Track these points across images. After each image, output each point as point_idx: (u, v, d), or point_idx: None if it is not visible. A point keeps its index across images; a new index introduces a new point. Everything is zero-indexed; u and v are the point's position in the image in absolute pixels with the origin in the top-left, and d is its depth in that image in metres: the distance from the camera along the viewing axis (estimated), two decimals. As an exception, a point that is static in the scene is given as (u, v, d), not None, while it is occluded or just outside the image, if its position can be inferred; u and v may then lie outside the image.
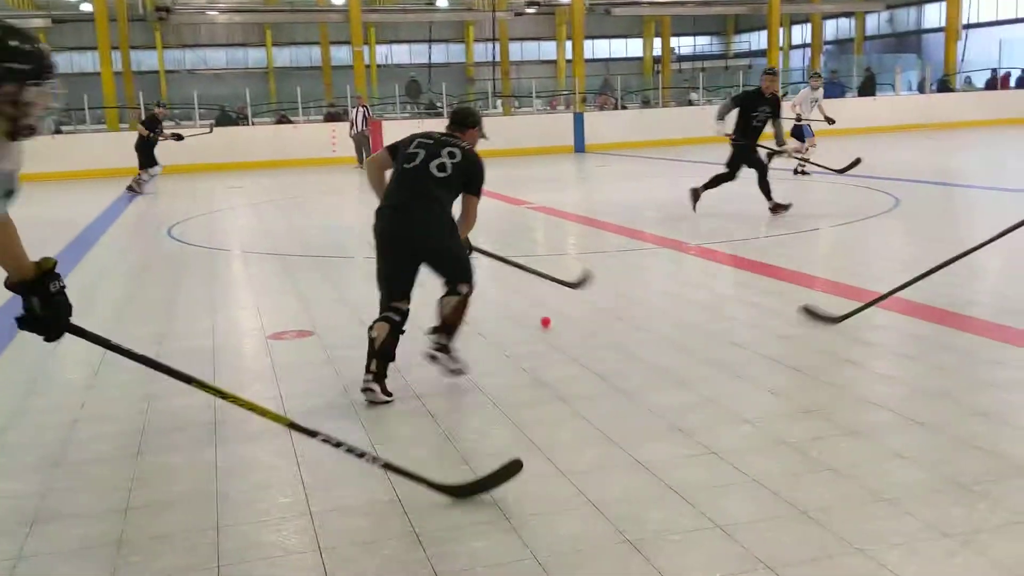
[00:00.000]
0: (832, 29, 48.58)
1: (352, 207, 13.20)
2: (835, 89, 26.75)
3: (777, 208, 9.66)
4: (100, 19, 22.76)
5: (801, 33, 46.77)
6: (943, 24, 30.56)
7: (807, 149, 13.75)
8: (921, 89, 28.10)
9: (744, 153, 9.75)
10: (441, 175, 4.31)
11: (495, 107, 27.08)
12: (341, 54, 39.94)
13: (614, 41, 50.32)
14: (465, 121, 4.60)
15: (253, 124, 23.33)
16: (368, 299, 6.52)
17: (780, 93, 9.61)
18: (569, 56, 31.68)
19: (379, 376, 4.17)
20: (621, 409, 4.01)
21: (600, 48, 49.32)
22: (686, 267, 7.48)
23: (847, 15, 46.78)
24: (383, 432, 3.85)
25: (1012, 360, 4.46)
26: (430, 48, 34.96)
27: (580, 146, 22.17)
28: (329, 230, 10.60)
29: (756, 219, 9.88)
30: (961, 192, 11.96)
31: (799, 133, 14.04)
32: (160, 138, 15.41)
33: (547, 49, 49.42)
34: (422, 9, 36.55)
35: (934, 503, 2.93)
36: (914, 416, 3.74)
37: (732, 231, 9.14)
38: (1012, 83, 28.61)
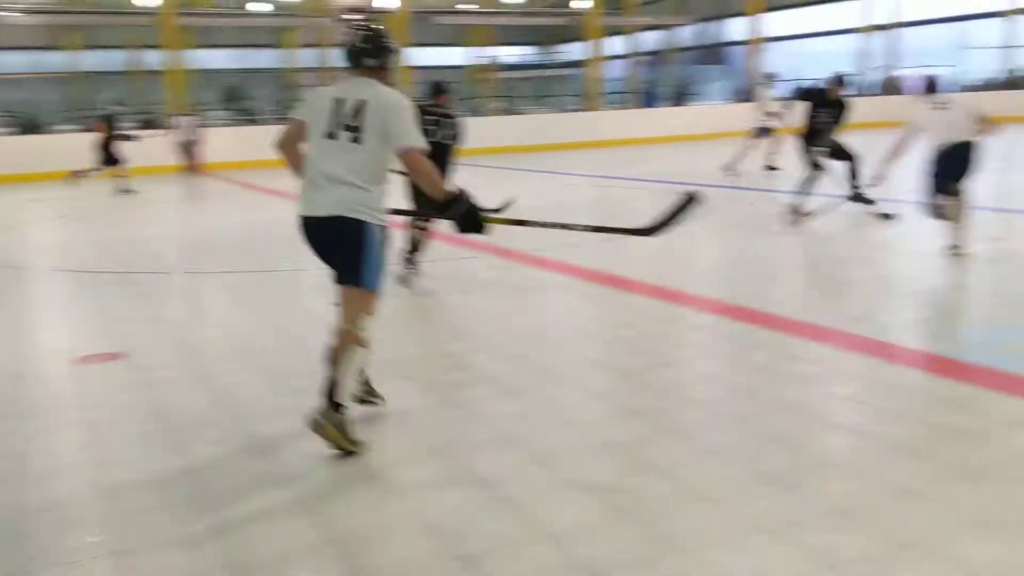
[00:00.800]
0: (647, 40, 50.62)
1: (166, 218, 12.58)
2: (651, 99, 27.96)
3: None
4: None
5: (618, 44, 48.47)
6: (747, 38, 32.47)
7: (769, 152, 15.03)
8: (730, 99, 29.77)
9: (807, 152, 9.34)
10: None
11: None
12: (152, 58, 38.09)
13: (437, 49, 50.46)
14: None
15: (55, 132, 21.83)
16: (188, 317, 6.24)
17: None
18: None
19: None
20: (452, 421, 3.98)
21: (423, 56, 49.33)
22: (513, 273, 7.55)
23: (660, 28, 48.91)
24: (190, 459, 3.65)
25: (812, 355, 4.75)
26: (248, 54, 33.85)
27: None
28: (140, 243, 10.04)
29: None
30: (765, 195, 12.70)
31: (762, 132, 15.25)
32: None
33: (371, 56, 48.78)
34: (240, 13, 35.39)
35: (751, 498, 3.06)
36: (729, 413, 3.91)
37: (560, 236, 9.30)
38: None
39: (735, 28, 44.47)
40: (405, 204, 5.47)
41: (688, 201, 4.13)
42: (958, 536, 2.74)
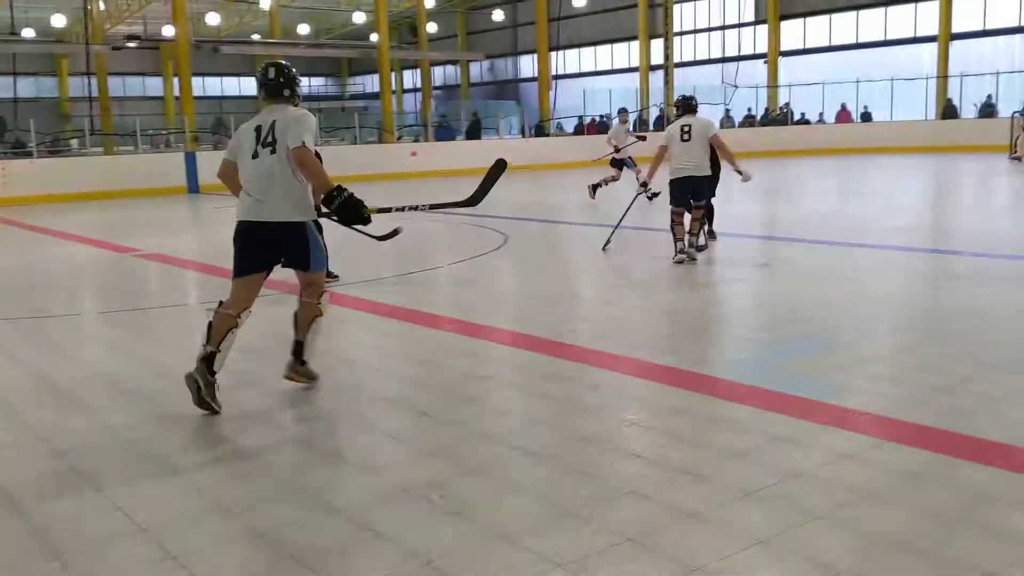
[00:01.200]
0: (440, 75, 51.39)
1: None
2: (446, 132, 28.29)
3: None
4: None
5: (412, 78, 48.92)
6: (536, 75, 33.64)
7: (638, 173, 14.93)
8: (522, 133, 30.64)
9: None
10: None
11: (95, 146, 24.90)
12: (-100, 84, 34.62)
13: (226, 79, 48.94)
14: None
15: None
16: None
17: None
18: (177, 93, 30.16)
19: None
20: (243, 475, 3.76)
21: (212, 85, 47.69)
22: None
23: (452, 63, 49.78)
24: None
25: (606, 383, 4.88)
26: (15, 81, 31.36)
27: (194, 187, 21.13)
28: None
29: (379, 260, 10.01)
30: (561, 228, 13.11)
31: (619, 164, 15.82)
32: None
33: (153, 85, 46.76)
34: (5, 39, 32.77)
35: (546, 533, 3.07)
36: (526, 447, 3.92)
37: (355, 273, 9.16)
38: (596, 128, 32.19)
39: (525, 65, 46.01)
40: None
41: (499, 167, 5.42)
42: (740, 558, 2.86)
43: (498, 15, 43.74)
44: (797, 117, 31.38)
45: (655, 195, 11.61)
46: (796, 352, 5.38)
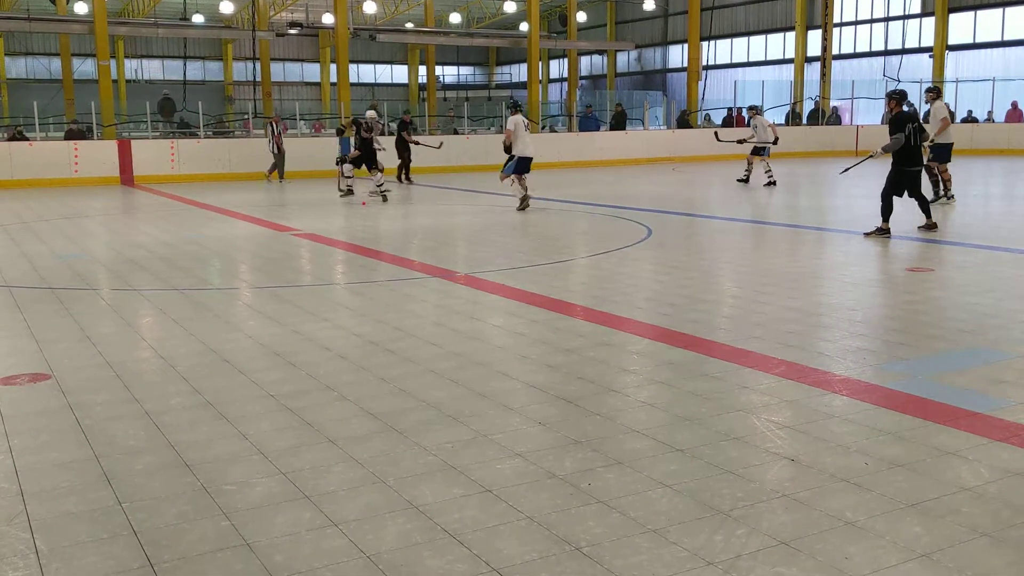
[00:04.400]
0: (587, 65, 51.28)
1: (95, 232, 12.22)
2: (591, 123, 28.21)
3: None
4: None
5: (559, 67, 48.99)
6: (685, 65, 33.07)
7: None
8: (667, 124, 30.22)
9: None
10: None
11: (257, 128, 26.15)
12: (86, 67, 37.20)
13: (379, 67, 50.38)
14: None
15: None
16: (114, 336, 6.03)
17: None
18: (334, 79, 31.26)
19: None
20: (393, 449, 3.89)
21: (365, 73, 49.23)
22: (455, 297, 7.48)
23: (600, 52, 49.58)
24: (131, 489, 3.50)
25: (755, 384, 4.78)
26: (185, 65, 33.26)
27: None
28: (67, 259, 9.72)
29: (523, 249, 10.13)
30: (707, 223, 12.87)
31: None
32: None
33: (311, 71, 48.67)
34: (176, 24, 34.80)
35: (696, 531, 3.05)
36: (673, 443, 3.90)
37: (499, 260, 9.30)
38: (746, 120, 31.37)
39: (674, 55, 45.30)
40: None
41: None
42: (902, 569, 2.76)
43: (649, 4, 43.20)
44: (963, 115, 29.63)
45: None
46: (963, 362, 5.12)
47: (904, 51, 35.35)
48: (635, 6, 45.84)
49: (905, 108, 10.45)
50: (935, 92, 13.40)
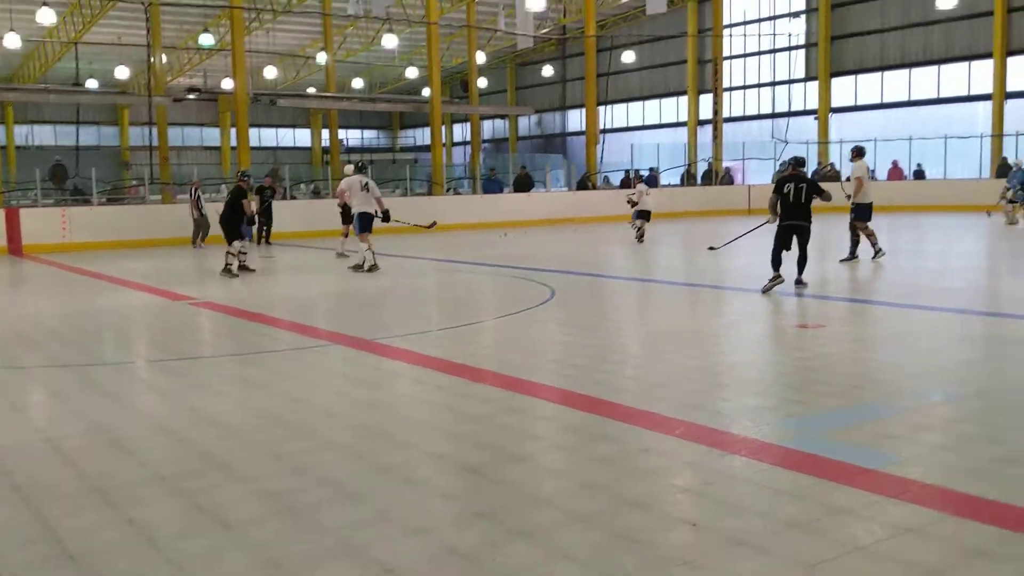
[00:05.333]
0: (489, 128, 52.10)
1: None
2: (494, 186, 28.54)
3: None
4: None
5: (462, 131, 49.64)
6: (584, 128, 33.88)
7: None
8: (569, 186, 30.80)
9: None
10: None
11: (153, 195, 25.56)
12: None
13: (281, 130, 50.09)
14: None
15: None
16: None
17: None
18: (235, 143, 30.91)
19: None
20: (290, 531, 3.76)
21: (267, 136, 48.86)
22: (358, 364, 7.36)
23: (502, 117, 50.45)
24: (5, 586, 3.28)
25: (657, 446, 4.81)
26: (78, 130, 32.42)
27: (250, 235, 21.47)
28: (-51, 335, 9.20)
29: (428, 312, 10.08)
30: (609, 282, 13.07)
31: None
32: None
33: (211, 135, 48.05)
34: (69, 90, 33.97)
35: (600, 603, 3.01)
36: (577, 512, 3.87)
37: (403, 324, 9.22)
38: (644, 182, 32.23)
39: (573, 119, 46.45)
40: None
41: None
42: (801, 634, 2.78)
43: (547, 70, 44.31)
44: (848, 174, 31.09)
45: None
46: (854, 418, 5.27)
47: (790, 114, 37.07)
48: (534, 72, 47.02)
49: (804, 170, 11.03)
50: (857, 152, 13.70)
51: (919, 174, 29.86)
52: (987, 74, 31.02)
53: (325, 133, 44.76)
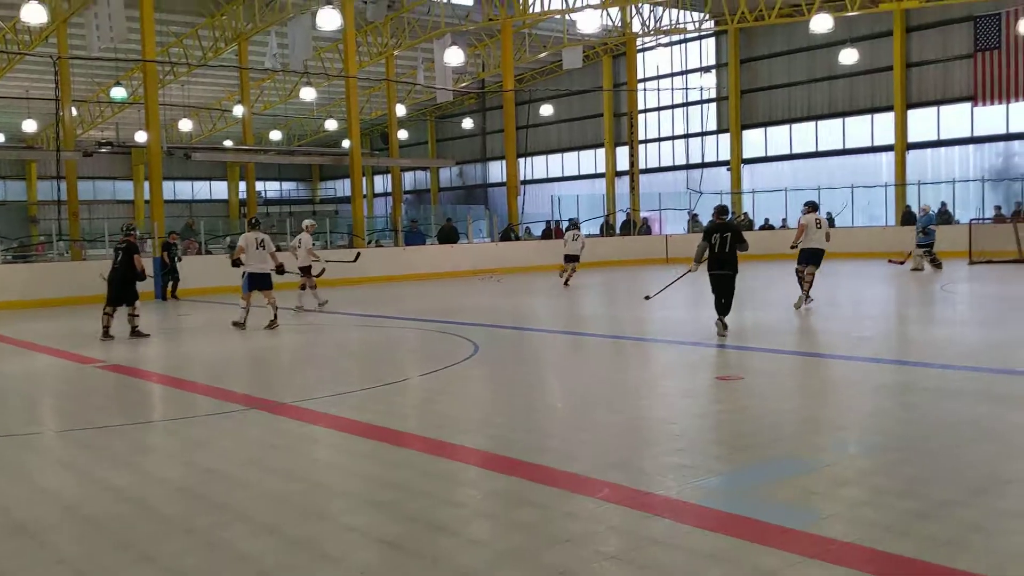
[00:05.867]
0: (411, 180, 52.17)
1: None
2: (416, 237, 28.47)
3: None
4: None
5: (383, 182, 49.56)
6: (505, 180, 34.16)
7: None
8: (491, 237, 30.92)
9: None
10: None
11: (62, 252, 24.75)
12: None
13: (197, 183, 49.30)
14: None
15: None
16: None
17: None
18: (148, 197, 30.24)
19: None
20: (199, 617, 3.57)
21: (182, 189, 48.01)
22: (274, 430, 7.13)
23: (423, 168, 50.60)
24: None
25: (580, 511, 4.75)
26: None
27: (160, 293, 20.92)
28: None
29: (348, 372, 9.88)
30: (533, 335, 13.06)
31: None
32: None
33: (124, 188, 47.03)
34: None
35: None
36: (501, 584, 3.78)
37: (322, 385, 9.01)
38: (563, 231, 32.63)
39: (494, 170, 46.87)
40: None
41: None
42: None
43: (467, 123, 44.71)
44: (761, 223, 32.00)
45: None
46: (775, 474, 5.31)
47: (704, 165, 38.09)
48: (455, 124, 47.39)
49: (729, 217, 11.78)
50: (809, 206, 14.67)
51: (829, 222, 30.84)
52: (889, 126, 32.43)
53: (243, 184, 44.23)
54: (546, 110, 39.61)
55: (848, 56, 29.34)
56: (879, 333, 11.90)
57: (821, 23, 26.13)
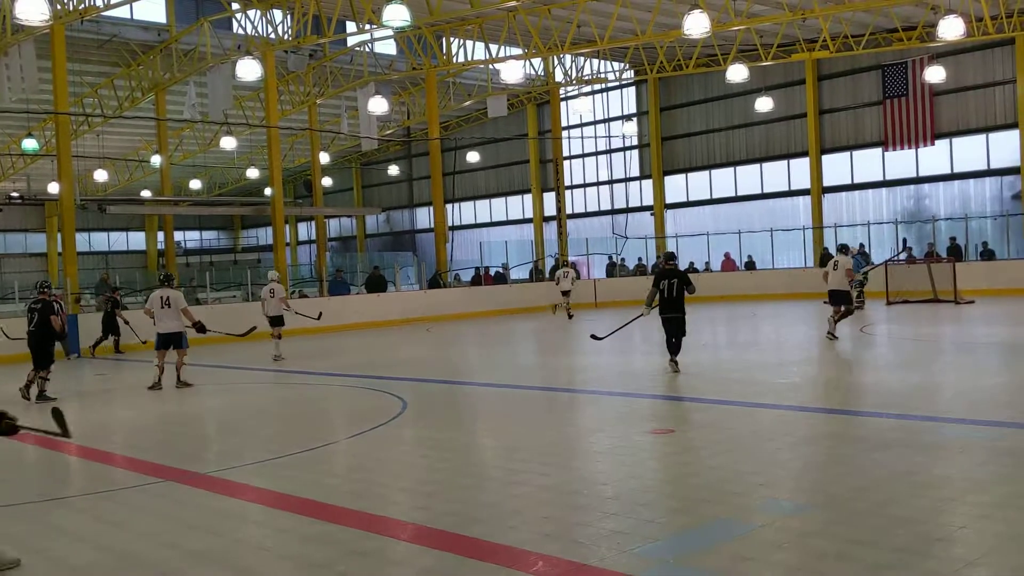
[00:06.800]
0: (336, 227, 51.68)
1: None
2: (341, 287, 28.07)
3: None
4: None
5: (307, 230, 49.00)
6: (433, 226, 34.06)
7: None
8: (420, 284, 30.70)
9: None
10: None
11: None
12: None
13: (114, 233, 48.03)
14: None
15: None
16: None
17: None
18: (61, 249, 29.26)
19: None
20: None
21: (98, 240, 46.65)
22: (190, 505, 6.78)
23: (348, 216, 50.21)
24: None
25: (517, 588, 4.59)
26: None
27: (75, 348, 20.13)
28: None
29: (270, 436, 9.55)
30: (463, 390, 12.86)
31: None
32: None
33: (37, 241, 45.55)
34: None
35: None
36: None
37: (245, 452, 8.67)
38: (493, 277, 32.62)
39: (422, 217, 46.77)
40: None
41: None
42: None
43: (393, 170, 44.62)
44: (685, 266, 32.47)
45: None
46: (709, 539, 5.22)
47: (629, 210, 38.64)
48: (381, 170, 47.27)
49: (674, 263, 12.98)
50: (843, 248, 16.90)
51: (750, 265, 31.51)
52: (805, 170, 33.40)
53: (162, 235, 43.22)
54: (473, 157, 39.80)
55: (763, 104, 30.23)
56: (806, 380, 12.04)
57: (736, 73, 26.87)
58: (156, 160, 34.79)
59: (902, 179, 31.76)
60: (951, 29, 21.03)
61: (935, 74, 26.37)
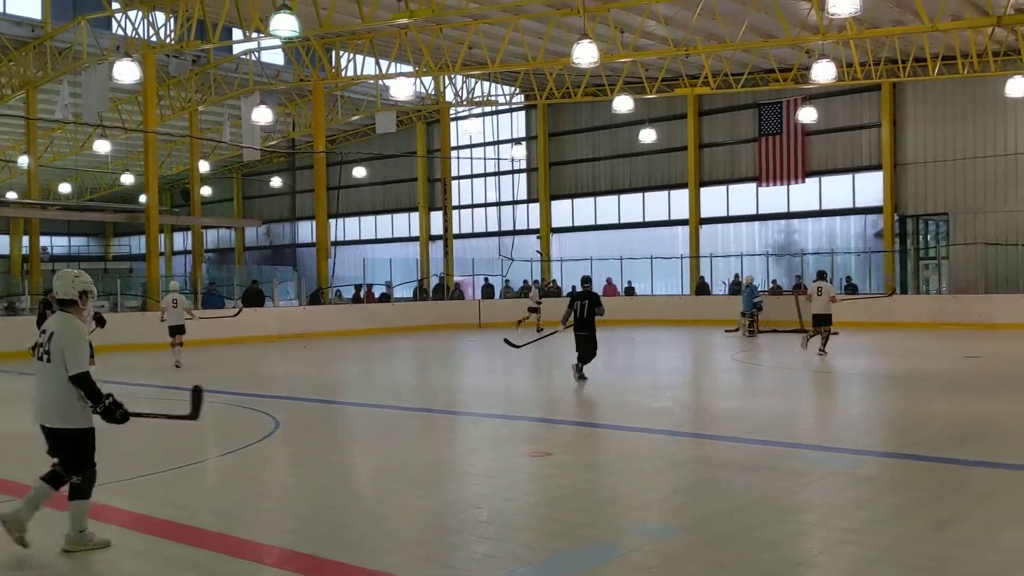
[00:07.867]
0: (214, 238, 50.22)
1: None
2: (215, 300, 27.20)
3: None
4: None
5: (183, 239, 47.38)
6: (315, 240, 33.46)
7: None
8: (299, 300, 30.06)
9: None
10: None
11: None
12: None
13: (-26, 236, 45.28)
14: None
15: None
16: None
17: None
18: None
19: None
20: None
21: (-42, 243, 43.91)
22: (40, 525, 6.37)
23: (227, 227, 48.86)
24: None
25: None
26: None
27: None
28: None
29: (135, 455, 9.10)
30: (339, 409, 12.58)
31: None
32: None
33: None
34: None
35: None
36: None
37: (106, 471, 8.21)
38: (376, 295, 32.27)
39: (304, 231, 45.93)
40: None
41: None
42: None
43: (276, 181, 43.71)
44: (569, 289, 32.91)
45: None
46: (584, 563, 5.25)
47: (515, 232, 38.94)
48: (263, 183, 46.23)
49: (589, 286, 14.22)
50: (821, 274, 18.21)
51: (630, 291, 32.20)
52: (684, 201, 34.46)
53: (28, 239, 40.98)
54: (359, 172, 39.39)
55: (647, 135, 31.09)
56: (677, 404, 12.32)
57: (622, 103, 27.53)
58: (24, 161, 33.05)
59: (774, 213, 33.15)
60: (823, 72, 22.12)
61: (807, 115, 27.70)
